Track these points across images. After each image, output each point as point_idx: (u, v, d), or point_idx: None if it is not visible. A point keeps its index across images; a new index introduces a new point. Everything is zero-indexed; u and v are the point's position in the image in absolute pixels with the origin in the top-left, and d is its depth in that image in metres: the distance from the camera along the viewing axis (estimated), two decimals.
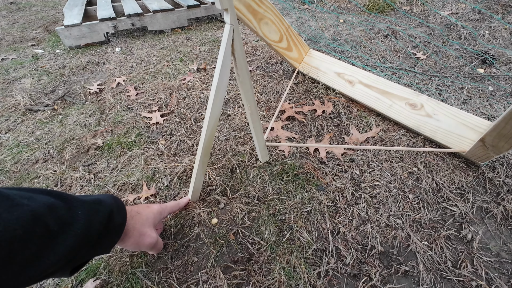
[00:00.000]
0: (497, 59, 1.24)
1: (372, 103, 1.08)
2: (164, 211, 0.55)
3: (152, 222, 0.49)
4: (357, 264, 0.64)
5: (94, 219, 0.32)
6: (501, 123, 0.56)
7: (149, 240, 0.47)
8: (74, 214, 0.29)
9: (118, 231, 0.38)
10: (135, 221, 0.45)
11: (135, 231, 0.44)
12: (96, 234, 0.32)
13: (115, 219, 0.37)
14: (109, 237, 0.36)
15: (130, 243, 0.44)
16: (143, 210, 0.48)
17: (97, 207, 0.34)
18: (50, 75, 1.56)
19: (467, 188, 0.79)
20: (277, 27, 1.12)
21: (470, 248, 0.66)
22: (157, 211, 0.52)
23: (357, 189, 0.81)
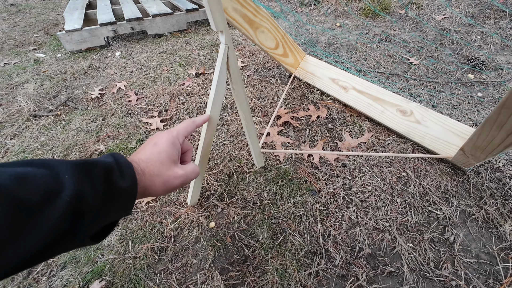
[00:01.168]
0: (487, 65, 1.28)
1: (364, 108, 1.11)
2: (177, 138, 0.42)
3: (169, 160, 0.39)
4: (346, 265, 0.69)
5: (86, 183, 0.27)
6: (473, 137, 0.60)
7: (177, 181, 0.39)
8: (62, 180, 0.25)
9: (129, 192, 0.32)
10: (150, 172, 0.36)
11: (155, 183, 0.36)
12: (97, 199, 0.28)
13: (118, 180, 0.30)
14: (120, 200, 0.31)
15: (159, 193, 0.38)
16: (151, 154, 0.38)
17: (90, 168, 0.28)
18: (52, 80, 1.60)
19: (452, 193, 0.83)
20: (273, 35, 1.15)
21: (451, 250, 0.70)
22: (169, 145, 0.40)
23: (348, 194, 0.85)
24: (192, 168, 0.43)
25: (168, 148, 0.40)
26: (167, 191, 0.39)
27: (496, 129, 0.50)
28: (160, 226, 0.78)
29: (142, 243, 0.74)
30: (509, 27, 1.52)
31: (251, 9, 0.98)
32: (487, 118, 0.50)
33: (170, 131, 0.43)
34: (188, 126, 0.48)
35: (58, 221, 0.23)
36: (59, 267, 0.69)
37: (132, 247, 0.73)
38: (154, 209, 0.84)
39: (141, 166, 0.36)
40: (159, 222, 0.79)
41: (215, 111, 0.64)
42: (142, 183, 0.35)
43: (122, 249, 0.73)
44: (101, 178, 0.29)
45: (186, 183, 0.42)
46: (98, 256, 0.71)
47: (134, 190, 0.32)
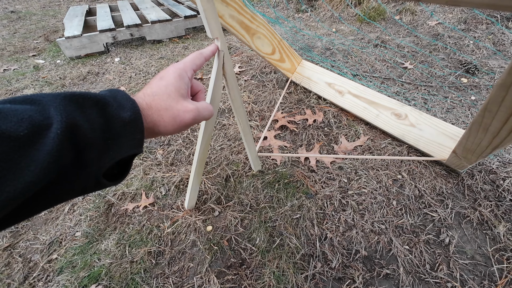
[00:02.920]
0: (480, 69, 1.30)
1: (360, 112, 1.13)
2: (184, 71, 0.39)
3: (178, 94, 0.36)
4: (342, 267, 0.69)
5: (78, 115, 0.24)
6: (463, 140, 0.62)
7: (188, 116, 0.36)
8: (48, 113, 0.23)
9: (134, 124, 0.29)
10: (157, 106, 0.34)
11: (164, 118, 0.34)
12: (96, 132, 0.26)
13: (117, 112, 0.28)
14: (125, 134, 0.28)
15: (169, 130, 0.35)
16: (158, 88, 0.35)
17: (80, 101, 0.25)
18: (51, 86, 1.61)
19: (447, 195, 0.84)
20: (269, 41, 1.18)
21: (447, 251, 0.70)
22: (176, 78, 0.37)
23: (345, 196, 0.86)
24: (205, 105, 0.38)
25: (175, 81, 0.36)
26: (179, 128, 0.36)
27: (482, 132, 0.51)
28: (157, 230, 0.78)
29: (139, 247, 0.74)
30: (500, 32, 1.55)
31: (248, 16, 1.00)
32: (473, 121, 0.52)
33: (177, 63, 0.39)
34: (196, 58, 0.42)
35: (56, 153, 0.21)
36: (56, 272, 0.69)
37: (129, 251, 0.73)
38: (151, 213, 0.84)
39: (147, 101, 0.33)
40: (156, 226, 0.79)
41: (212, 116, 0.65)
42: (150, 117, 0.32)
43: (119, 253, 0.73)
44: (95, 111, 0.26)
45: (199, 121, 0.38)
46: (95, 261, 0.71)
47: (139, 123, 0.30)
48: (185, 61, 0.40)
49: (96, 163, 0.26)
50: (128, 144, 0.29)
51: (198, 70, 0.50)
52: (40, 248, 0.75)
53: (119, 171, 0.30)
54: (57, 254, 0.73)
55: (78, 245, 0.75)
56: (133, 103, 0.30)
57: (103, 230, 0.80)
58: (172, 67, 0.38)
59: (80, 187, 0.26)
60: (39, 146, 0.21)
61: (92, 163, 0.25)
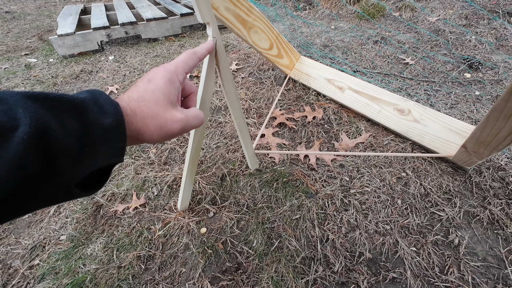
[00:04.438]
0: (483, 64, 1.27)
1: (361, 108, 1.09)
2: (175, 74, 0.35)
3: (166, 100, 0.32)
4: (345, 271, 0.64)
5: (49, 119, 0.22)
6: (477, 132, 0.57)
7: (176, 126, 0.32)
8: (15, 115, 0.20)
9: (115, 132, 0.26)
10: (142, 114, 0.30)
11: (149, 127, 0.31)
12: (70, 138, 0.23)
13: (97, 118, 0.25)
14: (104, 142, 0.26)
15: (154, 139, 0.32)
16: (145, 92, 0.32)
17: (54, 104, 0.23)
18: (42, 84, 1.56)
19: (454, 193, 0.79)
20: (266, 35, 1.14)
21: (457, 253, 0.66)
22: (166, 82, 0.33)
23: (346, 196, 0.81)
24: (196, 113, 0.35)
25: (165, 86, 0.33)
26: (164, 138, 0.33)
27: (503, 120, 0.47)
28: (148, 233, 0.73)
29: (128, 251, 0.69)
30: (502, 27, 1.52)
31: (244, 9, 0.96)
32: (493, 108, 0.47)
33: (168, 65, 0.35)
34: (189, 59, 0.38)
35: (17, 162, 0.19)
36: (37, 279, 0.64)
37: (117, 256, 0.68)
38: (142, 214, 0.79)
39: (131, 106, 0.30)
40: (147, 229, 0.75)
41: (204, 110, 0.61)
42: (133, 125, 0.29)
43: (106, 258, 0.68)
44: (72, 115, 0.24)
45: (187, 130, 0.35)
46: (79, 266, 0.66)
47: (122, 130, 0.27)
48: (176, 62, 0.36)
49: (69, 172, 0.23)
50: (107, 152, 0.26)
51: (191, 71, 0.45)
52: (21, 253, 0.70)
53: (96, 180, 0.27)
54: (40, 259, 0.68)
55: (63, 249, 0.70)
56: (116, 107, 0.27)
57: (90, 233, 0.75)
58: (162, 68, 0.34)
59: (47, 198, 0.23)
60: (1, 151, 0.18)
61: (63, 172, 0.22)
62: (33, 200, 0.21)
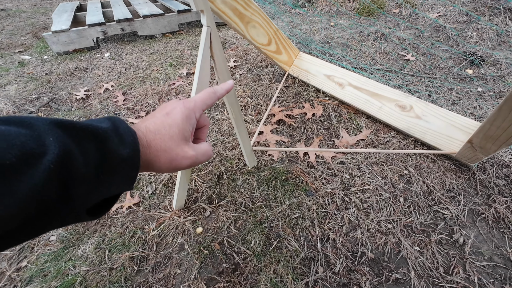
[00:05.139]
0: (485, 60, 1.25)
1: (362, 105, 1.06)
2: (193, 112, 0.36)
3: (181, 137, 0.34)
4: (347, 272, 0.62)
5: (74, 148, 0.23)
6: (486, 125, 0.55)
7: (185, 162, 0.34)
8: (44, 142, 0.21)
9: (131, 162, 0.28)
10: (156, 147, 0.32)
11: (160, 159, 0.32)
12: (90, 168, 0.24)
13: (116, 147, 0.26)
14: (119, 171, 0.27)
15: (162, 170, 0.34)
16: (162, 125, 0.33)
17: (79, 134, 0.24)
18: (36, 82, 1.53)
19: (458, 190, 0.77)
20: (265, 30, 1.11)
21: (462, 252, 0.64)
22: (183, 119, 0.34)
23: (347, 194, 0.79)
24: (205, 150, 0.37)
25: (182, 122, 0.34)
26: (172, 170, 0.35)
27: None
28: (141, 233, 0.71)
29: (121, 252, 0.66)
30: (504, 23, 1.50)
31: (241, 2, 0.93)
32: (506, 99, 0.45)
33: (187, 101, 0.37)
34: (208, 98, 0.39)
35: (40, 188, 0.19)
36: (24, 282, 0.61)
37: (109, 257, 0.65)
38: (136, 214, 0.76)
39: (147, 138, 0.31)
40: (140, 229, 0.72)
41: None
42: (146, 156, 0.31)
43: (97, 259, 0.65)
44: (93, 144, 0.25)
45: (195, 166, 0.37)
46: (69, 268, 0.63)
47: (136, 161, 0.28)
48: (195, 100, 0.37)
49: (83, 199, 0.24)
50: (120, 181, 0.28)
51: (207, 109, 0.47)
52: (8, 254, 0.67)
53: (102, 205, 0.28)
54: (28, 261, 0.65)
55: (52, 250, 0.67)
56: (134, 138, 0.28)
57: (82, 234, 0.72)
58: (182, 104, 0.36)
59: (56, 222, 0.23)
60: (25, 178, 0.19)
61: (78, 199, 0.24)
62: (44, 225, 0.22)
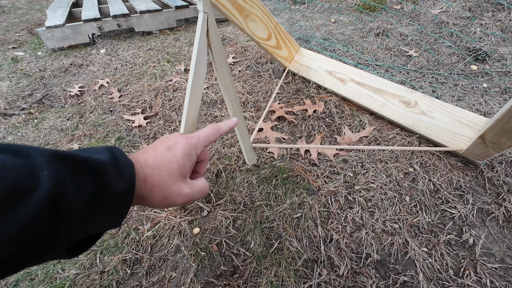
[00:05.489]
0: (490, 55, 1.22)
1: (364, 101, 1.03)
2: (195, 148, 0.35)
3: (179, 173, 0.33)
4: (352, 275, 0.59)
5: (69, 183, 0.21)
6: (504, 117, 0.52)
7: (179, 200, 0.33)
8: (38, 176, 0.20)
9: (124, 198, 0.26)
10: (152, 182, 0.30)
11: (155, 195, 0.31)
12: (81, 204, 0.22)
13: (112, 182, 0.25)
14: (110, 207, 0.25)
15: (155, 206, 0.33)
16: (161, 160, 0.32)
17: (77, 167, 0.23)
18: (29, 78, 1.49)
19: (466, 189, 0.74)
20: (265, 24, 1.07)
21: (472, 254, 0.61)
22: (184, 155, 0.33)
23: (351, 192, 0.76)
24: (201, 187, 0.36)
25: (182, 158, 0.33)
26: (165, 206, 0.34)
27: None
28: (135, 234, 0.67)
29: (113, 254, 0.63)
30: (508, 19, 1.48)
31: None
32: None
33: (190, 137, 0.36)
34: (211, 135, 0.39)
35: (26, 225, 0.19)
36: (10, 286, 0.58)
37: (100, 259, 0.62)
38: (129, 214, 0.73)
39: (145, 172, 0.30)
40: (134, 229, 0.68)
41: (195, 96, 0.55)
42: (141, 191, 0.29)
43: (88, 262, 0.61)
44: (89, 179, 0.23)
45: (190, 203, 0.38)
46: (58, 272, 0.60)
47: (130, 195, 0.27)
48: (199, 136, 0.37)
49: (67, 237, 0.22)
50: (110, 216, 0.26)
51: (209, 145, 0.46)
52: None
53: (82, 244, 0.26)
54: None
55: None
56: (132, 172, 0.28)
57: None
58: (185, 140, 0.35)
59: (36, 260, 0.22)
60: (10, 215, 0.18)
61: (61, 238, 0.22)
62: (19, 264, 0.20)
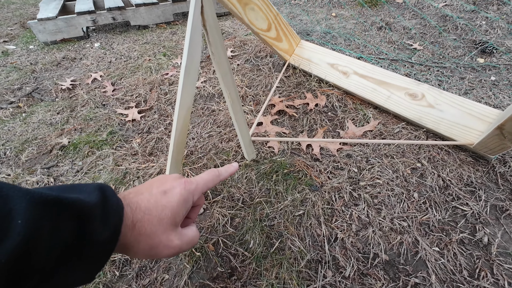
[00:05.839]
0: (498, 48, 1.18)
1: (368, 94, 0.99)
2: (192, 195, 0.33)
3: (171, 222, 0.29)
4: (359, 276, 0.54)
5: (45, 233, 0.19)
6: None
7: (166, 252, 0.29)
8: (9, 224, 0.18)
9: (104, 247, 0.23)
10: (140, 230, 0.27)
11: (140, 245, 0.28)
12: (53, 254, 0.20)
13: (95, 229, 0.22)
14: (88, 258, 0.23)
15: (138, 256, 0.29)
16: (154, 205, 0.29)
17: (60, 212, 0.20)
18: (19, 72, 1.43)
19: (477, 185, 0.70)
20: (264, 14, 1.03)
21: (487, 253, 0.57)
22: (180, 202, 0.30)
23: (356, 188, 0.71)
24: (191, 238, 0.33)
25: (177, 205, 0.30)
26: (149, 257, 0.31)
27: None
28: None
29: None
30: None
31: None
32: None
33: (189, 182, 0.33)
34: (211, 181, 0.37)
35: None
36: None
37: None
38: None
39: (135, 217, 0.27)
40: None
41: (190, 82, 0.50)
42: (125, 239, 0.26)
43: None
44: (71, 226, 0.21)
45: (176, 255, 0.34)
46: None
47: (112, 246, 0.24)
48: (198, 181, 0.34)
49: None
50: (84, 268, 0.23)
51: None
52: None
53: None
54: None
55: None
56: (120, 218, 0.25)
57: None
58: (183, 185, 0.32)
59: None
60: None
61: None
62: None
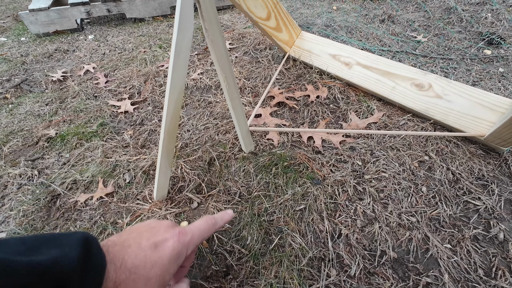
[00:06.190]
0: (505, 39, 1.14)
1: (372, 85, 0.95)
2: (186, 248, 0.31)
3: (161, 281, 0.28)
4: (365, 275, 0.50)
5: None
6: None
7: None
8: None
9: None
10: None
11: None
12: None
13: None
14: None
15: None
16: (142, 265, 0.26)
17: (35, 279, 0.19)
18: (9, 63, 1.38)
19: (489, 178, 0.66)
20: (263, 1, 0.98)
21: (504, 251, 0.52)
22: (171, 259, 0.29)
23: (360, 182, 0.67)
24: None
25: (169, 262, 0.29)
26: None
27: None
28: (112, 228, 0.58)
29: None
30: None
31: None
32: None
33: (183, 233, 0.31)
34: (207, 230, 0.35)
35: None
36: None
37: None
38: (108, 205, 0.63)
39: (118, 278, 0.25)
40: (112, 223, 0.59)
41: (181, 62, 0.45)
42: None
43: None
44: None
45: None
46: None
47: None
48: (193, 231, 0.33)
49: None
50: None
51: None
52: None
53: None
54: None
55: None
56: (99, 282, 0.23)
57: (40, 230, 0.59)
58: (176, 238, 0.30)
59: None
60: None
61: None
62: None
